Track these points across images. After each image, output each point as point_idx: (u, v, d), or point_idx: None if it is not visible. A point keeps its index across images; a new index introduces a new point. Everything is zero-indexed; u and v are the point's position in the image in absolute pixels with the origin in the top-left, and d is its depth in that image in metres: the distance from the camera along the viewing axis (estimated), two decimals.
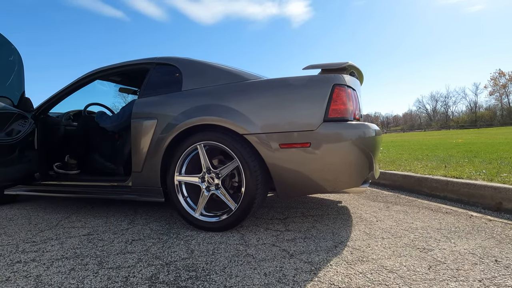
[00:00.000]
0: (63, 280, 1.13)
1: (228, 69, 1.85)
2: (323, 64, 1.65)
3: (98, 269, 1.21)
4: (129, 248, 1.44)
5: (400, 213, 1.90)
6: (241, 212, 1.58)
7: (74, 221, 1.99)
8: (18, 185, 2.38)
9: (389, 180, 2.88)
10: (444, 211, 1.93)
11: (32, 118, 2.26)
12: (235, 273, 1.14)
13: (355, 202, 2.28)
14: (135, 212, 2.18)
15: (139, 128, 1.86)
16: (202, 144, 1.67)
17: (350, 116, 1.56)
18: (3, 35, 2.26)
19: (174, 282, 1.08)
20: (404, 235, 1.49)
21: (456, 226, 1.62)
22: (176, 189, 1.73)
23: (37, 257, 1.36)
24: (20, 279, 1.14)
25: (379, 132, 1.79)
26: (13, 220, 2.08)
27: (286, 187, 1.57)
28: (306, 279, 1.07)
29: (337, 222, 1.75)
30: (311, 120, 1.50)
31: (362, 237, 1.49)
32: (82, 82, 2.31)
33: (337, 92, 1.53)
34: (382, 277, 1.07)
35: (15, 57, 2.32)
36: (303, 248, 1.36)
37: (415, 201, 2.25)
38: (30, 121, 2.22)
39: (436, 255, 1.25)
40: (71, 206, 2.48)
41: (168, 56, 2.07)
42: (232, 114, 1.60)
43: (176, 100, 1.82)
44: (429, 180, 2.44)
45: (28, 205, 2.58)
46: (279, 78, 1.64)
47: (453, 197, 2.23)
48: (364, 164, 1.57)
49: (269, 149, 1.52)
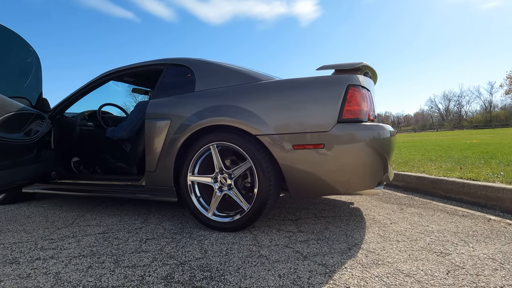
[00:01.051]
0: (81, 277, 1.15)
1: (240, 70, 1.85)
2: (337, 65, 1.63)
3: (114, 267, 1.24)
4: (143, 247, 1.46)
5: (414, 216, 1.87)
6: (254, 213, 1.58)
7: (89, 219, 2.04)
8: (35, 183, 2.45)
9: (402, 181, 2.83)
10: (460, 214, 1.89)
11: (49, 118, 2.31)
12: (249, 274, 1.14)
13: (367, 203, 2.25)
14: (148, 211, 2.21)
15: (153, 129, 1.89)
16: (215, 144, 1.67)
17: (364, 117, 1.54)
18: (22, 38, 2.32)
19: (189, 282, 1.09)
20: (419, 238, 1.46)
21: (474, 229, 1.58)
22: (189, 189, 1.75)
23: (55, 255, 1.40)
24: (40, 276, 1.17)
25: (394, 133, 1.76)
26: (31, 217, 2.14)
27: (298, 188, 1.56)
28: (321, 282, 1.07)
29: (350, 224, 1.73)
30: (325, 121, 1.49)
31: (377, 239, 1.47)
32: (96, 83, 2.35)
33: (351, 92, 1.51)
34: (399, 281, 1.06)
35: (33, 59, 2.39)
36: (316, 250, 1.36)
37: (430, 203, 2.21)
38: (47, 121, 2.27)
39: (454, 259, 1.22)
40: (86, 204, 2.53)
41: (181, 57, 2.09)
42: (245, 115, 1.60)
43: (189, 101, 1.83)
44: (444, 182, 2.39)
45: (45, 203, 2.65)
46: (292, 78, 1.64)
47: (469, 199, 2.17)
48: (379, 166, 1.55)
49: (282, 150, 1.52)
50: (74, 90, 2.42)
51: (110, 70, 2.35)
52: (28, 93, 2.34)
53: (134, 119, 2.29)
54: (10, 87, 2.19)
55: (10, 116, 1.90)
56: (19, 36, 2.30)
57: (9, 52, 2.25)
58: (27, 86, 2.34)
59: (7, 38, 2.23)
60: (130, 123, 2.29)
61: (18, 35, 2.29)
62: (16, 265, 1.29)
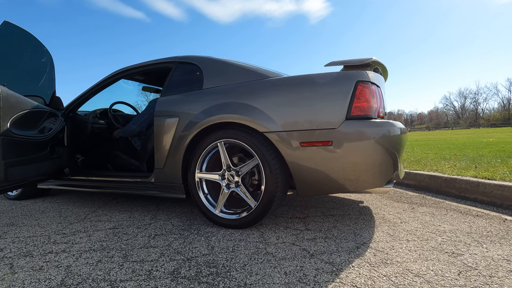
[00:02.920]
0: (91, 271, 1.18)
1: (248, 67, 1.85)
2: (346, 61, 1.60)
3: (123, 261, 1.26)
4: (152, 243, 1.48)
5: (426, 215, 1.83)
6: (261, 210, 1.57)
7: (100, 215, 2.08)
8: (49, 180, 2.52)
9: (414, 180, 2.77)
10: (474, 214, 1.83)
11: (62, 116, 2.37)
12: (255, 271, 1.14)
13: (377, 202, 2.21)
14: (157, 207, 2.24)
15: (162, 126, 1.91)
16: (222, 142, 1.68)
17: (374, 114, 1.51)
18: (37, 38, 2.38)
19: (195, 278, 1.10)
20: (431, 238, 1.43)
21: (488, 230, 1.53)
22: (197, 186, 1.76)
23: (67, 248, 1.43)
24: (52, 269, 1.21)
25: (405, 131, 1.72)
26: (45, 212, 2.21)
27: (306, 185, 1.54)
28: (327, 280, 1.05)
29: (359, 223, 1.71)
30: (333, 118, 1.47)
31: (386, 238, 1.44)
32: (107, 81, 2.40)
33: (360, 89, 1.48)
34: (407, 281, 1.03)
35: (47, 59, 2.45)
36: (323, 248, 1.34)
37: (442, 202, 2.15)
38: (61, 119, 2.33)
39: (466, 260, 1.18)
40: (98, 200, 2.59)
41: (189, 55, 2.10)
42: (253, 112, 1.60)
43: (197, 98, 1.84)
44: (458, 181, 2.32)
45: (59, 199, 2.72)
46: (300, 75, 1.62)
47: (484, 199, 2.11)
48: (389, 164, 1.52)
49: (290, 147, 1.51)
50: (86, 89, 2.47)
51: (121, 69, 2.39)
52: (42, 91, 2.40)
53: (145, 114, 2.36)
54: (25, 86, 2.26)
55: (25, 114, 1.96)
56: (33, 36, 2.36)
57: (24, 52, 2.31)
58: (41, 85, 2.40)
59: (22, 38, 2.30)
60: (140, 117, 2.35)
61: (32, 35, 2.36)
62: (30, 257, 1.33)
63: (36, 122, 2.09)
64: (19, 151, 1.92)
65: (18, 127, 1.90)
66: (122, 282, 1.08)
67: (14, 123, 1.86)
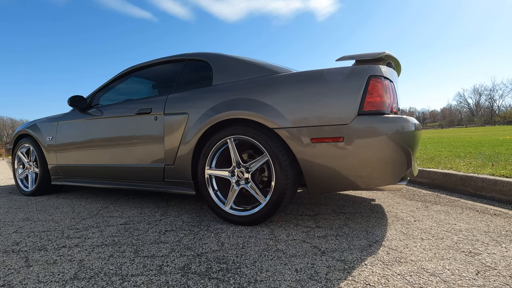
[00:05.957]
0: (103, 265, 1.19)
1: (257, 63, 1.83)
2: (358, 55, 1.57)
3: (134, 256, 1.27)
4: (162, 238, 1.49)
5: (441, 213, 1.78)
6: (271, 207, 1.56)
7: (112, 210, 2.11)
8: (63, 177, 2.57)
9: (427, 178, 2.70)
10: (492, 212, 1.77)
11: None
12: (266, 267, 1.13)
13: (389, 200, 2.17)
14: (167, 204, 2.26)
15: (171, 123, 1.91)
16: (232, 138, 1.67)
17: (386, 109, 1.47)
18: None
19: (205, 273, 1.10)
20: (446, 237, 1.39)
21: (507, 229, 1.47)
22: (207, 182, 1.76)
23: (80, 243, 1.46)
24: (65, 263, 1.23)
25: (419, 127, 1.67)
26: (59, 208, 2.25)
27: (317, 182, 1.52)
28: (339, 278, 1.03)
29: (371, 221, 1.67)
30: (345, 113, 1.44)
31: (399, 237, 1.41)
32: (118, 79, 2.42)
33: (373, 84, 1.45)
34: (423, 280, 1.00)
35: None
36: (335, 246, 1.32)
37: (458, 201, 2.09)
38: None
39: (484, 259, 1.14)
40: (109, 196, 2.63)
41: (199, 52, 2.10)
42: (262, 108, 1.58)
43: (206, 95, 1.84)
44: (474, 179, 2.25)
45: (73, 195, 2.78)
46: (310, 70, 1.59)
47: (502, 198, 2.03)
48: (402, 161, 1.48)
49: (300, 144, 1.49)
50: (96, 88, 2.51)
51: (131, 67, 2.42)
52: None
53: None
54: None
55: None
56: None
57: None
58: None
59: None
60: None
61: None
62: (44, 251, 1.36)
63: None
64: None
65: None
66: (133, 277, 1.09)
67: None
